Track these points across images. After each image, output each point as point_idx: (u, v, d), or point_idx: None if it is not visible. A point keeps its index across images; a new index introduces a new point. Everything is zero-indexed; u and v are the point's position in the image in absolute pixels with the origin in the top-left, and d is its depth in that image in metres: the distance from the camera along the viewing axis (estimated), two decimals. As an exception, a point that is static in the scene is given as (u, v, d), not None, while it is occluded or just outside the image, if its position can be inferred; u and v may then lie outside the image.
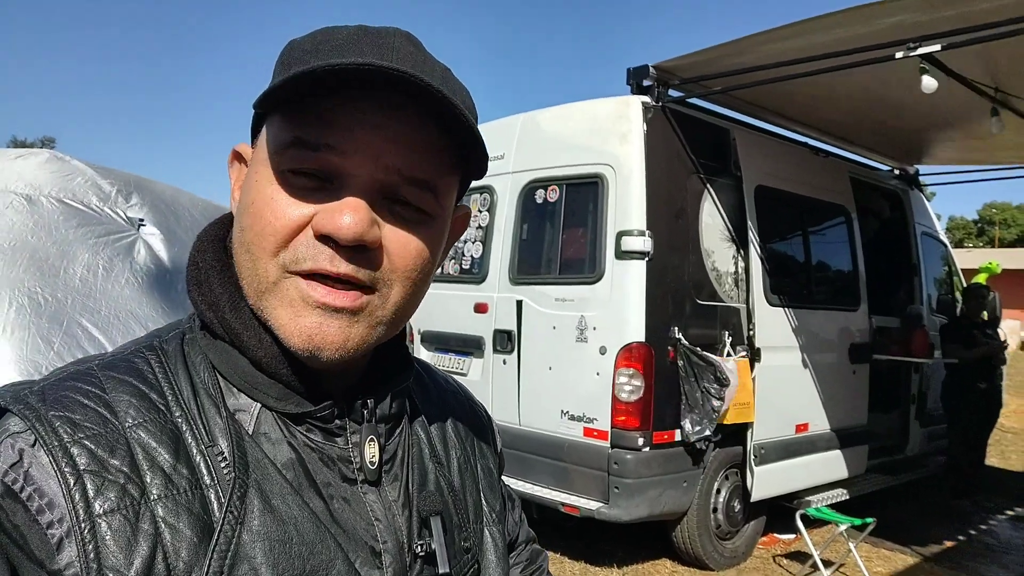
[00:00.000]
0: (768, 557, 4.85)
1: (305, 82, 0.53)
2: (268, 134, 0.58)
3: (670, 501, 4.24)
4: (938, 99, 4.03)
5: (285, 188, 0.56)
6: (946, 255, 7.35)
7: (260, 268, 0.57)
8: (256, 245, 0.57)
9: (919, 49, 3.52)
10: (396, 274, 0.58)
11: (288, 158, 0.56)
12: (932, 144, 6.09)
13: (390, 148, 0.55)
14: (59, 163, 2.76)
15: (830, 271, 5.57)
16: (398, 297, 0.59)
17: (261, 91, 0.55)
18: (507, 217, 4.83)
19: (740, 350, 4.55)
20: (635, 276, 4.14)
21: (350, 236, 0.54)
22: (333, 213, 0.54)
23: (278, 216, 0.56)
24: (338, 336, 0.56)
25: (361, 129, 0.55)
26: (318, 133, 0.55)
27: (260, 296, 0.58)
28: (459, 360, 5.01)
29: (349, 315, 0.57)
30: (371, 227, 0.55)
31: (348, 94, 0.55)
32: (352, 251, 0.55)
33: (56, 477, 0.50)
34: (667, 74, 4.37)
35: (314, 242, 0.55)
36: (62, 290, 2.37)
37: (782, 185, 5.00)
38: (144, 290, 2.51)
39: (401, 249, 0.58)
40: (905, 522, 5.59)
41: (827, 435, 5.10)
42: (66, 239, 2.48)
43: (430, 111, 0.55)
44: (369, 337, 0.59)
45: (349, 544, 0.59)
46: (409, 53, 0.57)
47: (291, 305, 0.56)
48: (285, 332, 0.57)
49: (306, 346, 0.56)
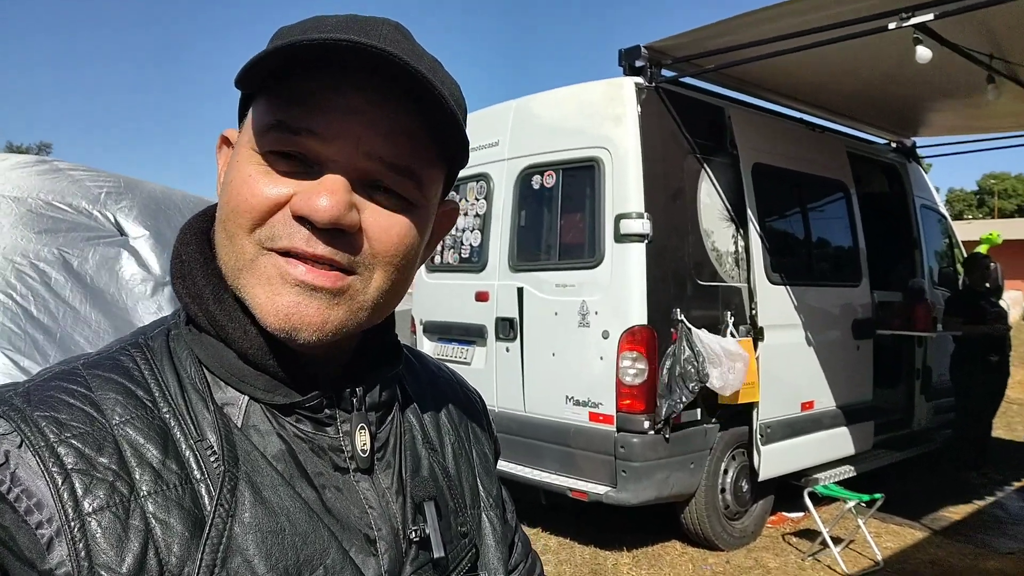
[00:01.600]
0: (777, 536, 4.86)
1: (284, 57, 0.53)
2: (253, 116, 0.58)
3: (678, 483, 4.23)
4: (933, 69, 4.00)
5: (264, 167, 0.56)
6: (946, 227, 7.32)
7: (236, 245, 0.56)
8: (232, 222, 0.56)
9: (912, 19, 3.49)
10: (377, 259, 0.57)
11: (269, 140, 0.55)
12: (929, 115, 6.05)
13: (371, 134, 0.55)
14: (48, 167, 2.74)
15: (830, 247, 5.55)
16: (380, 282, 0.58)
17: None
18: (504, 204, 4.81)
19: (743, 330, 4.54)
20: (635, 259, 4.12)
21: (326, 218, 0.53)
22: (310, 194, 0.54)
23: (255, 193, 0.55)
24: (316, 317, 0.56)
25: (343, 114, 0.55)
26: (300, 117, 0.54)
27: (237, 274, 0.57)
28: (462, 349, 5.01)
29: (329, 295, 0.56)
30: (348, 210, 0.54)
31: (331, 78, 0.55)
32: (329, 234, 0.55)
33: (44, 477, 0.50)
34: (659, 54, 4.34)
35: (291, 221, 0.55)
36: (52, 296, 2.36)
37: (779, 162, 4.97)
38: (133, 293, 2.50)
39: (382, 234, 0.57)
40: (914, 497, 5.60)
41: (833, 412, 5.09)
42: (55, 243, 2.47)
43: (413, 97, 0.55)
44: (349, 321, 0.58)
45: (343, 533, 0.59)
46: (396, 41, 0.56)
47: (269, 283, 0.55)
48: (262, 311, 0.56)
49: (283, 325, 0.55)
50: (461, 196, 5.13)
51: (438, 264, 5.31)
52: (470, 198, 5.06)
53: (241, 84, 0.57)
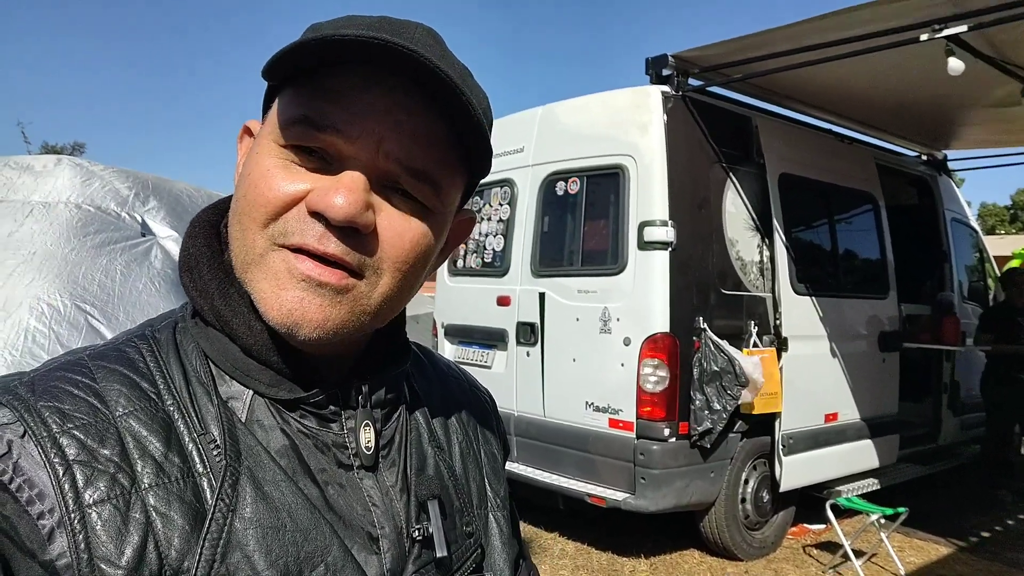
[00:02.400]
0: (798, 547, 4.81)
1: (314, 52, 0.53)
2: (278, 108, 0.57)
3: (697, 491, 4.22)
4: (965, 81, 3.95)
5: (283, 161, 0.56)
6: (977, 242, 7.21)
7: (248, 239, 0.56)
8: (246, 215, 0.56)
9: (945, 31, 3.46)
10: (387, 263, 0.57)
11: (293, 134, 0.55)
12: (961, 128, 5.97)
13: (394, 136, 0.55)
14: (78, 169, 2.81)
15: (858, 259, 5.49)
16: (386, 287, 0.58)
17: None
18: (528, 210, 4.83)
19: (766, 340, 4.51)
20: (658, 266, 4.12)
21: (341, 216, 0.53)
22: (327, 191, 0.53)
23: (272, 187, 0.55)
24: (318, 314, 0.55)
25: (368, 113, 0.54)
26: (326, 113, 0.54)
27: (246, 268, 0.57)
28: (483, 353, 5.03)
29: (332, 293, 0.55)
30: (365, 210, 0.54)
31: (359, 77, 0.55)
32: (343, 232, 0.54)
33: (46, 468, 0.50)
34: (686, 63, 4.34)
35: (306, 217, 0.54)
36: (81, 296, 2.41)
37: (806, 172, 4.94)
38: (161, 294, 2.55)
39: (395, 238, 0.56)
40: (939, 512, 5.50)
41: (857, 424, 5.03)
42: (84, 246, 2.53)
43: (440, 103, 0.55)
44: (350, 322, 0.57)
45: (345, 530, 0.59)
46: (428, 45, 0.56)
47: (275, 278, 0.55)
48: (265, 305, 0.56)
49: (285, 320, 0.55)
50: (485, 201, 5.17)
51: (460, 268, 5.35)
52: (494, 203, 5.10)
53: (269, 75, 0.56)
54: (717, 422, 4.11)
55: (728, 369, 4.10)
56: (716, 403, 4.09)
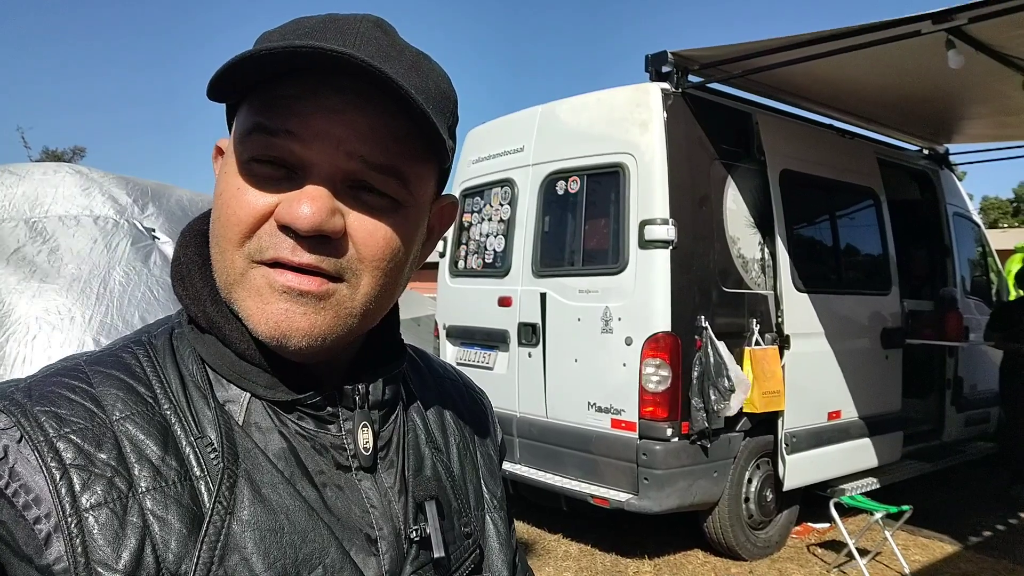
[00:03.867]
0: (802, 546, 4.79)
1: (253, 67, 0.52)
2: (236, 123, 0.58)
3: (701, 491, 4.20)
4: (966, 74, 3.93)
5: (249, 177, 0.56)
6: (980, 236, 7.18)
7: (227, 260, 0.57)
8: (222, 236, 0.57)
9: (945, 23, 3.43)
10: (364, 263, 0.57)
11: (251, 145, 0.55)
12: (962, 121, 5.94)
13: (351, 134, 0.54)
14: (77, 177, 2.79)
15: (859, 255, 5.47)
16: (368, 287, 0.58)
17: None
18: (528, 210, 4.81)
19: (769, 337, 4.49)
20: (659, 265, 4.10)
21: (308, 226, 0.53)
22: (292, 203, 0.54)
23: (242, 206, 0.55)
24: (304, 322, 0.55)
25: (320, 115, 0.54)
26: (278, 119, 0.54)
27: (230, 288, 0.58)
28: (485, 354, 5.01)
29: (315, 300, 0.56)
30: (331, 216, 0.54)
31: (309, 81, 0.54)
32: (314, 241, 0.54)
33: (42, 472, 0.50)
34: (686, 60, 4.32)
35: (276, 232, 0.55)
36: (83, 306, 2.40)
37: (808, 169, 4.91)
38: (161, 301, 2.54)
39: (367, 237, 0.56)
40: (944, 509, 5.49)
41: (860, 422, 5.01)
42: (85, 256, 2.51)
43: (392, 96, 0.54)
44: (337, 326, 0.57)
45: (343, 532, 0.59)
46: (374, 38, 0.56)
47: (258, 294, 0.56)
48: (253, 321, 0.56)
49: (273, 333, 0.55)
50: (486, 201, 5.15)
51: (461, 269, 5.33)
52: (495, 203, 5.08)
53: (213, 96, 0.56)
54: (713, 421, 4.07)
55: (720, 371, 4.09)
56: (714, 403, 4.06)
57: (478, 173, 5.22)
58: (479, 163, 5.23)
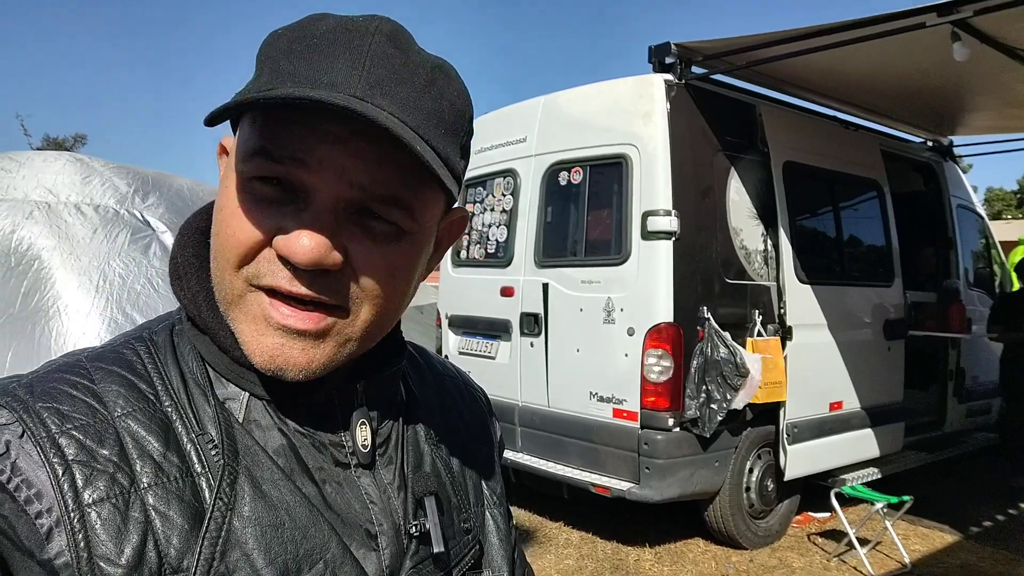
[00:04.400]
0: (803, 536, 4.82)
1: (245, 108, 0.52)
2: (239, 137, 0.56)
3: (702, 481, 4.22)
4: (971, 66, 3.92)
5: (251, 197, 0.55)
6: (983, 228, 7.16)
7: (226, 280, 0.56)
8: (222, 256, 0.56)
9: (951, 15, 3.42)
10: (364, 294, 0.56)
11: (253, 166, 0.54)
12: (967, 113, 5.92)
13: (355, 164, 0.53)
14: (78, 165, 2.79)
15: (862, 247, 5.47)
16: (368, 316, 0.57)
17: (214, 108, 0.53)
18: (531, 200, 4.82)
19: (771, 328, 4.50)
20: (662, 256, 4.11)
21: (306, 261, 0.52)
22: (291, 237, 0.52)
23: (243, 229, 0.54)
24: (301, 357, 0.55)
25: (325, 143, 0.53)
26: (283, 144, 0.53)
27: (228, 307, 0.57)
28: (487, 344, 5.03)
29: (312, 337, 0.55)
30: (329, 251, 0.53)
31: (312, 106, 0.53)
32: (312, 274, 0.53)
33: (44, 468, 0.50)
34: (689, 51, 4.31)
35: (275, 259, 0.54)
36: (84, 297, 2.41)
37: (811, 160, 4.91)
38: (161, 293, 2.55)
39: (369, 268, 0.55)
40: (944, 500, 5.50)
41: (862, 413, 5.02)
42: (85, 246, 2.52)
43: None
44: (336, 356, 0.57)
45: (343, 528, 0.59)
46: (386, 57, 0.54)
47: (254, 321, 0.55)
48: (248, 349, 0.56)
49: (269, 366, 0.55)
50: (488, 191, 5.15)
51: (464, 259, 5.34)
52: (497, 194, 5.08)
53: (210, 124, 0.54)
54: (716, 412, 4.09)
55: (729, 360, 4.10)
56: (716, 393, 4.08)
57: (481, 163, 5.22)
58: (481, 153, 5.23)
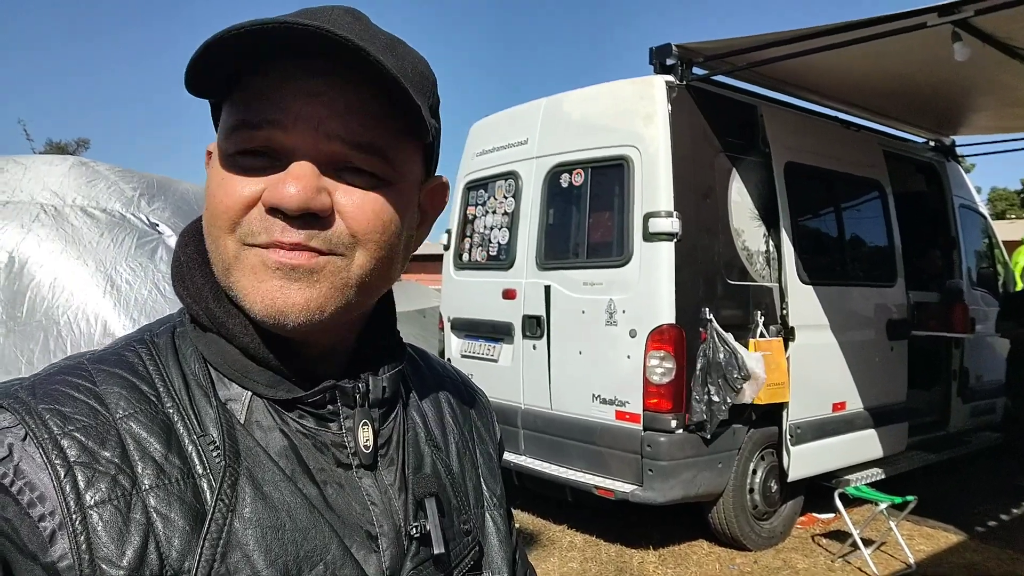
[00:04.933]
0: (807, 537, 4.81)
1: (223, 53, 0.53)
2: (221, 121, 0.59)
3: (705, 483, 4.22)
4: (973, 66, 3.91)
5: (235, 169, 0.57)
6: (986, 227, 7.15)
7: (221, 245, 0.58)
8: (214, 225, 0.58)
9: (951, 15, 3.42)
10: (356, 237, 0.57)
11: (235, 140, 0.56)
12: (969, 113, 5.91)
13: (329, 115, 0.55)
14: (83, 168, 2.79)
15: (865, 247, 5.46)
16: (363, 260, 0.58)
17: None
18: (533, 202, 4.82)
19: (773, 330, 4.49)
20: (664, 258, 4.11)
21: (294, 204, 0.54)
22: (278, 184, 0.55)
23: (229, 194, 0.56)
24: (299, 297, 0.56)
25: (298, 99, 0.55)
26: (257, 111, 0.55)
27: (227, 273, 0.58)
28: (489, 346, 5.04)
29: (308, 274, 0.56)
30: (317, 194, 0.55)
31: (284, 69, 0.55)
32: (303, 221, 0.55)
33: (47, 470, 0.50)
34: (690, 52, 4.31)
35: (265, 216, 0.56)
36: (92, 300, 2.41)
37: (813, 161, 4.91)
38: (168, 297, 2.55)
39: (356, 211, 0.57)
40: (949, 499, 5.49)
41: (865, 413, 5.01)
42: (92, 249, 2.52)
43: (367, 76, 0.54)
44: (333, 298, 0.58)
45: (344, 529, 0.59)
46: (346, 23, 0.56)
47: (253, 272, 0.56)
48: (249, 300, 0.57)
49: (269, 311, 0.56)
50: (490, 194, 5.16)
51: (466, 261, 5.34)
52: (499, 196, 5.08)
53: (191, 90, 0.56)
54: (716, 414, 4.08)
55: (731, 362, 4.09)
56: (715, 395, 4.07)
57: (482, 166, 5.23)
58: (483, 156, 5.23)
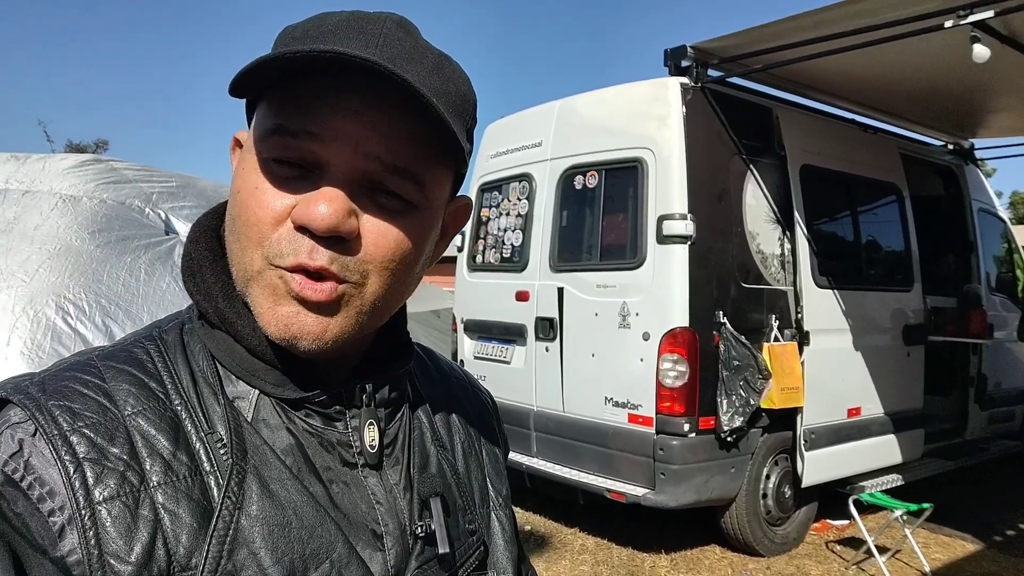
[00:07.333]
0: (820, 543, 4.77)
1: (272, 69, 0.53)
2: (255, 121, 0.58)
3: (718, 487, 4.19)
4: (992, 68, 3.86)
5: (268, 177, 0.56)
6: (1005, 232, 7.07)
7: (247, 257, 0.57)
8: (243, 235, 0.57)
9: (970, 16, 3.38)
10: (372, 264, 0.57)
11: (270, 145, 0.56)
12: (988, 115, 5.84)
13: (370, 136, 0.55)
14: (103, 165, 2.82)
15: (881, 251, 5.41)
16: (376, 287, 0.58)
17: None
18: (546, 204, 4.82)
19: (788, 334, 4.46)
20: (677, 260, 4.09)
21: (324, 226, 0.53)
22: (309, 203, 0.54)
23: (262, 206, 0.56)
24: (316, 327, 0.56)
25: (341, 116, 0.54)
26: (299, 120, 0.55)
27: (246, 284, 0.58)
28: (502, 348, 5.03)
29: (327, 308, 0.56)
30: (347, 217, 0.54)
31: (330, 81, 0.55)
32: (329, 242, 0.55)
33: (56, 465, 0.51)
34: (705, 54, 4.29)
35: (294, 234, 0.55)
36: (105, 295, 2.43)
37: (829, 164, 4.87)
38: (184, 294, 2.57)
39: (378, 239, 0.57)
40: (965, 507, 5.42)
41: (880, 419, 4.96)
42: (108, 242, 2.54)
43: (410, 100, 0.54)
44: (348, 328, 0.58)
45: (349, 527, 0.60)
46: (397, 40, 0.56)
47: (272, 293, 0.56)
48: (263, 320, 0.57)
49: (283, 335, 0.56)
50: (503, 196, 5.16)
51: (479, 263, 5.35)
52: (512, 198, 5.09)
53: (236, 94, 0.57)
54: (738, 417, 4.08)
55: (750, 364, 4.07)
56: (737, 398, 4.06)
57: (496, 168, 5.23)
58: (497, 157, 5.24)
